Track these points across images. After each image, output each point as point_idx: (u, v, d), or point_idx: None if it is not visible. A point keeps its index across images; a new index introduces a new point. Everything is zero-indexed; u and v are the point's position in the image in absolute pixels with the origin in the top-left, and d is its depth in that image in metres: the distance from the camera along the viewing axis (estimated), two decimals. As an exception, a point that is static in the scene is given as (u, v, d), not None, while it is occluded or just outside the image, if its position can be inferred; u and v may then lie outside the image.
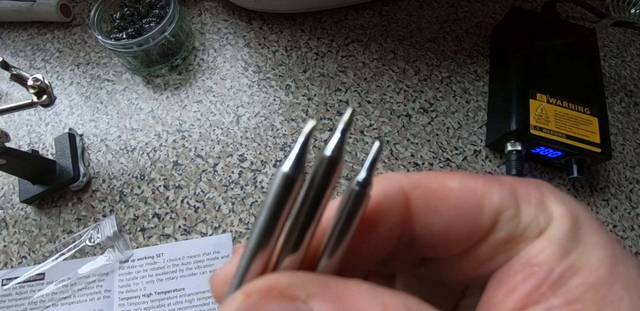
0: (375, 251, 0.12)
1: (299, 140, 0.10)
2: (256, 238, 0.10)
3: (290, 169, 0.09)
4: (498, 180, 0.11)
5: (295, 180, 0.09)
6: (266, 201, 0.10)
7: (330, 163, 0.10)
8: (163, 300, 0.36)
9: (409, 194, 0.11)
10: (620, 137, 0.45)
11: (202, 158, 0.43)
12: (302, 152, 0.10)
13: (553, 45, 0.44)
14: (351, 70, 0.48)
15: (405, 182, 0.11)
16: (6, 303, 0.37)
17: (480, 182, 0.11)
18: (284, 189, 0.09)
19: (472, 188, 0.11)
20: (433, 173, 0.12)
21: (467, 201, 0.11)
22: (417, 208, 0.11)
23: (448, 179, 0.11)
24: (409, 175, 0.12)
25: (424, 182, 0.11)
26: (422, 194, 0.11)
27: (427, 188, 0.11)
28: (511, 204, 0.11)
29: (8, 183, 0.43)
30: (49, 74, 0.49)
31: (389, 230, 0.11)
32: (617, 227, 0.40)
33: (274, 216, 0.10)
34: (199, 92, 0.47)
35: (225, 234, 0.39)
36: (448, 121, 0.45)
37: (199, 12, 0.53)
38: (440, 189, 0.11)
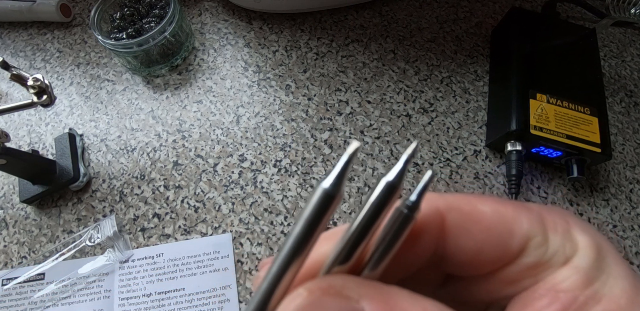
0: (408, 266, 0.12)
1: (342, 158, 0.10)
2: (290, 249, 0.10)
3: (331, 186, 0.10)
4: (526, 207, 0.12)
5: (334, 197, 0.10)
6: (303, 214, 0.10)
7: (390, 187, 0.10)
8: (163, 300, 0.36)
9: (444, 215, 0.12)
10: (620, 137, 0.45)
11: (202, 158, 0.43)
12: (344, 170, 0.10)
13: (553, 45, 0.44)
14: (351, 70, 0.48)
15: (441, 203, 0.12)
16: (6, 303, 0.37)
17: (510, 208, 0.12)
18: (322, 205, 0.10)
19: (503, 213, 0.12)
20: (465, 196, 0.12)
21: (498, 226, 0.12)
22: (451, 228, 0.12)
23: (480, 203, 0.12)
24: (443, 196, 0.12)
25: (458, 204, 0.12)
26: (457, 216, 0.12)
27: (461, 211, 0.12)
28: (539, 231, 0.11)
29: (8, 183, 0.43)
30: (49, 74, 0.49)
31: (425, 248, 0.12)
32: (617, 227, 0.40)
33: (309, 229, 0.10)
34: (199, 92, 0.47)
35: (225, 234, 0.39)
36: (448, 121, 0.45)
37: (199, 12, 0.53)
38: (473, 212, 0.12)
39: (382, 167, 0.42)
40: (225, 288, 0.36)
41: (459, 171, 0.42)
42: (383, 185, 0.11)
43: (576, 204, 0.41)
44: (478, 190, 0.41)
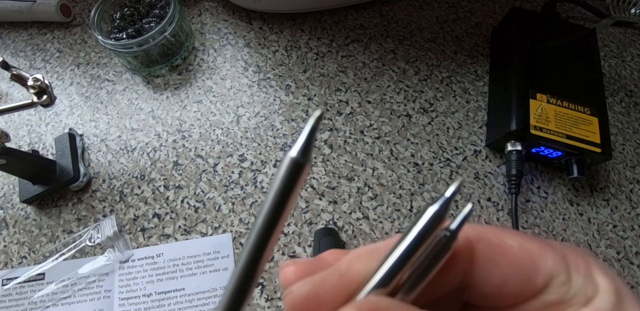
0: (435, 292, 0.13)
1: (307, 126, 0.10)
2: (265, 220, 0.10)
3: (298, 154, 0.10)
4: (550, 244, 0.13)
5: (303, 165, 0.10)
6: (274, 184, 0.10)
7: (436, 217, 0.11)
8: (163, 300, 0.36)
9: (474, 245, 0.12)
10: (620, 137, 0.45)
11: (202, 158, 0.43)
12: (310, 138, 0.10)
13: (553, 45, 0.44)
14: (351, 70, 0.48)
15: (471, 233, 0.12)
16: (6, 303, 0.37)
17: (536, 244, 0.12)
18: (292, 175, 0.10)
19: (529, 248, 0.12)
20: (493, 229, 0.13)
21: (525, 261, 0.12)
22: (479, 259, 0.12)
23: (507, 237, 0.13)
24: (473, 226, 0.13)
25: (487, 236, 0.13)
26: (486, 247, 0.12)
27: (490, 242, 0.12)
28: (563, 270, 0.12)
29: (8, 183, 0.43)
30: (49, 74, 0.49)
31: (454, 275, 0.12)
32: (617, 227, 0.40)
33: (282, 199, 0.10)
34: (199, 92, 0.47)
35: (225, 234, 0.39)
36: (448, 121, 0.45)
37: (199, 12, 0.53)
38: (501, 245, 0.12)
39: (382, 167, 0.42)
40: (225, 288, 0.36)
41: (459, 171, 0.42)
42: (430, 215, 0.11)
43: (576, 204, 0.41)
44: (478, 190, 0.41)
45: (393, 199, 0.41)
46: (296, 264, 0.13)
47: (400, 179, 0.42)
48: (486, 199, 0.41)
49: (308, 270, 0.13)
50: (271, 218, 0.10)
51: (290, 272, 0.12)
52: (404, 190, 0.41)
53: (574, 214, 0.41)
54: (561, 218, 0.40)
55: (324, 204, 0.40)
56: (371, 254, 0.12)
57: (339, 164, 0.42)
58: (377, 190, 0.41)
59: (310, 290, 0.11)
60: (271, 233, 0.10)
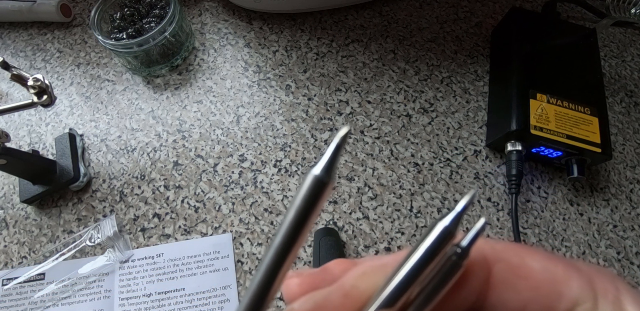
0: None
1: (332, 143, 0.09)
2: (284, 238, 0.10)
3: (322, 172, 0.09)
4: (576, 267, 0.12)
5: (326, 184, 0.09)
6: (295, 202, 0.10)
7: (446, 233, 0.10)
8: (163, 300, 0.36)
9: (492, 266, 0.11)
10: (620, 137, 0.45)
11: (202, 158, 0.43)
12: (334, 156, 0.09)
13: (553, 45, 0.44)
14: (351, 70, 0.48)
15: (488, 252, 0.12)
16: (6, 303, 0.37)
17: (561, 267, 0.11)
18: (315, 192, 0.09)
19: (553, 271, 0.11)
20: (514, 247, 0.12)
21: (547, 285, 0.11)
22: (497, 281, 0.11)
23: (529, 257, 0.12)
24: (491, 244, 0.12)
25: (506, 256, 0.12)
26: (504, 268, 0.11)
27: (509, 264, 0.11)
28: (589, 297, 0.11)
29: (8, 183, 0.43)
30: (49, 74, 0.50)
31: (467, 296, 0.12)
32: (617, 227, 0.40)
33: (302, 217, 0.10)
34: (199, 92, 0.47)
35: (225, 234, 0.39)
36: (448, 121, 0.45)
37: (199, 12, 0.53)
38: (521, 268, 0.11)
39: (382, 167, 0.42)
40: (225, 288, 0.36)
41: (459, 171, 0.42)
42: (440, 230, 0.10)
43: (576, 204, 0.41)
44: (478, 190, 0.41)
45: (393, 199, 0.41)
46: (300, 276, 0.12)
47: (401, 179, 0.42)
48: (486, 199, 0.41)
49: (313, 283, 0.12)
50: (291, 235, 0.10)
51: (294, 285, 0.12)
52: (404, 190, 0.41)
53: (574, 214, 0.41)
54: (561, 218, 0.40)
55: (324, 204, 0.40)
56: (378, 270, 0.12)
57: (339, 164, 0.42)
58: (377, 190, 0.41)
59: (312, 309, 0.11)
60: (290, 250, 0.10)
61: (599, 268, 0.12)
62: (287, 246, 0.10)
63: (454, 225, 0.10)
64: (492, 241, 0.12)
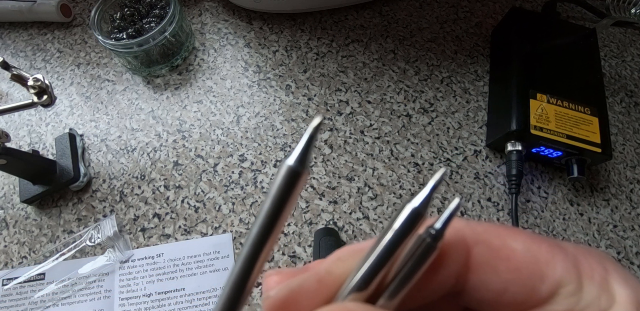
0: (425, 296, 0.12)
1: (305, 134, 0.10)
2: (260, 230, 0.10)
3: (295, 162, 0.09)
4: (561, 247, 0.11)
5: (300, 174, 0.09)
6: (270, 193, 0.10)
7: (415, 214, 0.10)
8: (163, 300, 0.36)
9: (471, 248, 0.11)
10: (620, 137, 0.45)
11: (202, 158, 0.43)
12: (307, 146, 0.10)
13: (553, 45, 0.44)
14: (351, 70, 0.48)
15: (468, 233, 0.11)
16: (6, 303, 0.37)
17: (544, 247, 0.11)
18: (289, 183, 0.09)
19: (536, 252, 0.11)
20: (496, 228, 0.12)
21: (529, 267, 0.11)
22: (476, 263, 0.11)
23: (511, 238, 0.11)
24: (471, 225, 0.12)
25: (487, 237, 0.11)
26: (484, 250, 0.11)
27: (489, 245, 0.11)
28: (574, 278, 0.11)
29: (8, 183, 0.43)
30: (49, 74, 0.50)
31: (445, 279, 0.11)
32: (617, 227, 0.40)
33: (278, 208, 0.10)
34: (199, 92, 0.47)
35: (225, 234, 0.39)
36: (448, 121, 0.45)
37: (199, 12, 0.53)
38: (502, 249, 0.11)
39: (382, 167, 0.42)
40: (225, 288, 0.36)
41: (459, 171, 0.42)
42: (408, 212, 0.10)
43: (576, 204, 0.41)
44: (478, 190, 0.41)
45: (393, 199, 0.41)
46: (280, 274, 0.12)
47: (401, 179, 0.42)
48: (486, 199, 0.41)
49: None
50: (267, 226, 0.10)
51: (272, 282, 0.12)
52: (404, 190, 0.41)
53: (574, 214, 0.41)
54: (561, 218, 0.40)
55: (324, 204, 0.40)
56: (353, 255, 0.11)
57: (339, 164, 0.42)
58: (377, 190, 0.41)
59: (287, 295, 0.11)
60: (266, 239, 0.10)
61: (587, 248, 0.11)
62: (263, 236, 0.10)
63: (423, 206, 0.10)
64: (474, 222, 0.12)
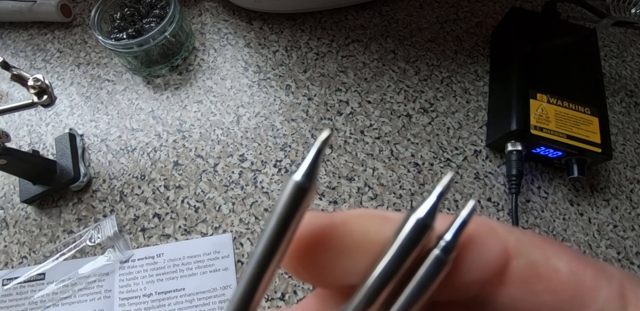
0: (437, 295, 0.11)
1: (312, 148, 0.09)
2: (265, 247, 0.09)
3: (302, 177, 0.09)
4: (608, 273, 0.10)
5: (307, 190, 0.09)
6: (276, 209, 0.09)
7: (421, 226, 0.09)
8: (163, 300, 0.36)
9: (510, 259, 0.10)
10: (620, 137, 0.45)
11: (202, 158, 0.43)
12: (315, 161, 0.09)
13: (553, 45, 0.44)
14: (351, 70, 0.48)
15: (511, 243, 0.10)
16: (7, 303, 0.37)
17: (590, 271, 0.10)
18: (295, 199, 0.09)
19: (580, 276, 0.10)
20: (541, 241, 0.11)
21: (570, 291, 0.10)
22: (512, 277, 0.10)
23: (556, 255, 0.10)
24: (516, 235, 0.10)
25: (530, 251, 0.10)
26: (524, 265, 0.10)
27: (531, 260, 0.10)
28: (618, 308, 0.10)
29: (8, 183, 0.43)
30: (49, 74, 0.50)
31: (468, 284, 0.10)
32: (617, 227, 0.40)
33: (283, 226, 0.09)
34: (199, 92, 0.47)
35: (225, 234, 0.39)
36: (448, 121, 0.45)
37: (199, 12, 0.53)
38: (545, 267, 0.10)
39: (382, 167, 0.42)
40: (225, 288, 0.36)
41: (460, 171, 0.42)
42: (413, 223, 0.09)
43: (576, 204, 0.41)
44: (478, 190, 0.41)
45: (393, 199, 0.41)
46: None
47: (401, 179, 0.42)
48: (486, 199, 0.41)
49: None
50: (272, 244, 0.09)
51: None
52: (404, 190, 0.41)
53: (575, 214, 0.41)
54: (561, 218, 0.40)
55: (324, 205, 0.40)
56: (377, 218, 0.10)
57: (339, 164, 0.42)
58: (377, 190, 0.41)
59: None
60: (271, 258, 0.09)
61: (631, 275, 0.11)
62: (269, 254, 0.09)
63: (429, 217, 0.09)
64: (519, 231, 0.11)
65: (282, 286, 0.36)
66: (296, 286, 0.36)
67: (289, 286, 0.36)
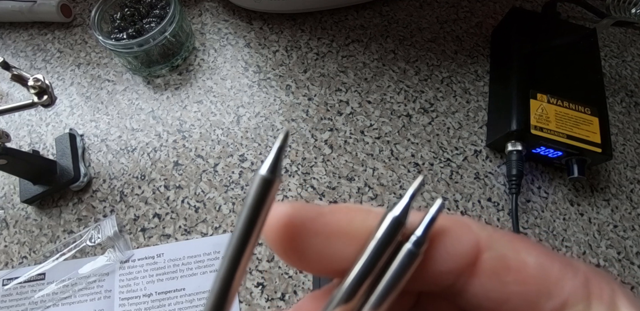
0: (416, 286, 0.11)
1: (275, 145, 0.10)
2: (238, 237, 0.10)
3: (267, 172, 0.10)
4: (574, 267, 0.11)
5: (272, 182, 0.10)
6: (246, 202, 0.10)
7: (396, 223, 0.10)
8: (163, 300, 0.36)
9: (482, 252, 0.11)
10: (620, 137, 0.45)
11: (202, 158, 0.43)
12: (277, 156, 0.10)
13: (553, 45, 0.44)
14: (351, 70, 0.48)
15: (483, 237, 0.11)
16: (7, 303, 0.37)
17: (557, 265, 0.11)
18: (262, 192, 0.10)
19: (547, 269, 0.11)
20: (512, 237, 0.11)
21: (538, 283, 0.10)
22: (483, 269, 0.11)
23: (526, 250, 0.11)
24: (487, 230, 0.11)
25: (501, 245, 0.11)
26: (495, 258, 0.11)
27: (501, 254, 0.11)
28: (582, 298, 0.10)
29: (9, 183, 0.43)
30: (49, 74, 0.50)
31: (443, 273, 0.11)
32: (617, 227, 0.40)
33: (252, 217, 0.10)
34: (200, 92, 0.47)
35: (225, 234, 0.39)
36: (448, 121, 0.45)
37: (200, 12, 0.53)
38: (514, 260, 0.11)
39: (382, 167, 0.42)
40: (225, 288, 0.36)
41: (460, 171, 0.42)
42: (389, 220, 0.10)
43: (577, 204, 0.41)
44: (478, 190, 0.41)
45: (394, 199, 0.41)
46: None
47: (401, 180, 0.42)
48: (486, 199, 0.41)
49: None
50: (244, 234, 0.10)
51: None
52: (405, 190, 0.41)
53: (575, 214, 0.41)
54: (562, 218, 0.40)
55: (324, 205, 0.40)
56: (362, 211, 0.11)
57: (339, 164, 0.42)
58: (377, 190, 0.41)
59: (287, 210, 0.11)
60: (244, 248, 0.10)
61: (595, 269, 0.11)
62: (241, 244, 0.10)
63: (403, 215, 0.10)
64: (491, 228, 0.11)
65: (282, 286, 0.36)
66: (296, 287, 0.36)
67: (289, 286, 0.36)
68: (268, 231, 0.11)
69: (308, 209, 0.11)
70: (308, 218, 0.11)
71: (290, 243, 0.11)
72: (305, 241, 0.11)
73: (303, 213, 0.11)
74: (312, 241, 0.11)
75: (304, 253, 0.11)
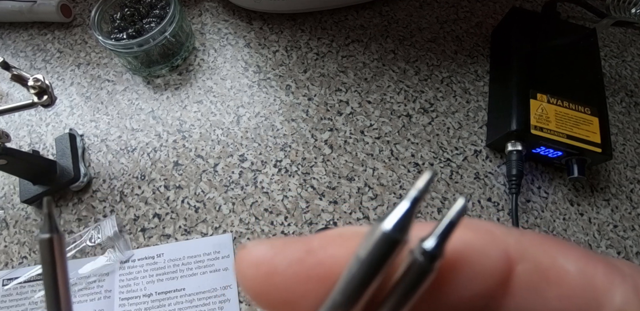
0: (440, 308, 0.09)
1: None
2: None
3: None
4: (619, 270, 0.09)
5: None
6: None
7: (388, 241, 0.08)
8: (163, 300, 0.36)
9: (514, 265, 0.09)
10: (620, 137, 0.45)
11: (202, 158, 0.43)
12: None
13: (553, 45, 0.44)
14: (351, 70, 0.48)
15: (511, 246, 0.09)
16: (7, 303, 0.37)
17: (601, 269, 0.09)
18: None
19: (591, 276, 0.09)
20: (543, 240, 0.09)
21: (583, 294, 0.09)
22: (519, 285, 0.09)
23: (562, 255, 0.09)
24: (516, 236, 0.09)
25: (534, 253, 0.09)
26: (530, 270, 0.09)
27: (537, 264, 0.09)
28: (635, 308, 0.09)
29: (9, 183, 0.43)
30: (49, 74, 0.50)
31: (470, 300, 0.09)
32: (617, 227, 0.40)
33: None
34: (200, 92, 0.47)
35: (225, 234, 0.39)
36: (448, 121, 0.45)
37: (200, 12, 0.53)
38: (552, 270, 0.09)
39: (382, 167, 0.42)
40: (225, 288, 0.36)
41: (460, 171, 0.42)
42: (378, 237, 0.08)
43: (577, 204, 0.41)
44: (478, 190, 0.41)
45: (393, 199, 0.41)
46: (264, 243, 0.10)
47: (401, 179, 0.42)
48: (486, 199, 0.41)
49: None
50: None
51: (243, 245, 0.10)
52: (405, 190, 0.41)
53: (575, 214, 0.41)
54: (562, 218, 0.40)
55: (324, 205, 0.40)
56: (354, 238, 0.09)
57: (339, 164, 0.42)
58: (377, 190, 0.41)
59: (265, 253, 0.09)
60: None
61: (637, 267, 0.10)
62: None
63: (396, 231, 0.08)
64: (518, 231, 0.10)
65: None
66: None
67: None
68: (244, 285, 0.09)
69: (291, 247, 0.09)
70: (294, 259, 0.09)
71: (276, 295, 0.09)
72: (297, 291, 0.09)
73: (286, 253, 0.09)
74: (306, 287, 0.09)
75: (298, 304, 0.09)
